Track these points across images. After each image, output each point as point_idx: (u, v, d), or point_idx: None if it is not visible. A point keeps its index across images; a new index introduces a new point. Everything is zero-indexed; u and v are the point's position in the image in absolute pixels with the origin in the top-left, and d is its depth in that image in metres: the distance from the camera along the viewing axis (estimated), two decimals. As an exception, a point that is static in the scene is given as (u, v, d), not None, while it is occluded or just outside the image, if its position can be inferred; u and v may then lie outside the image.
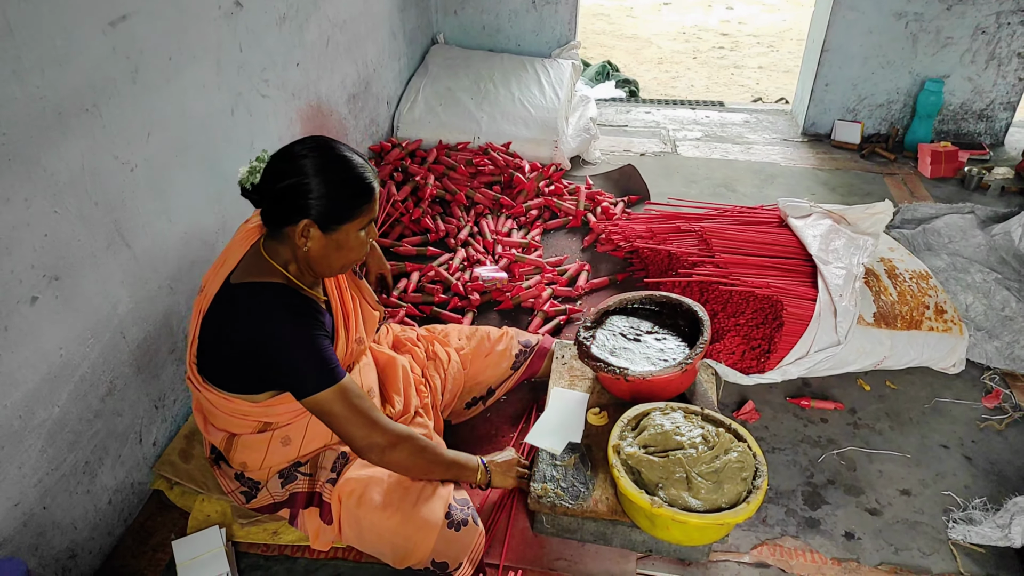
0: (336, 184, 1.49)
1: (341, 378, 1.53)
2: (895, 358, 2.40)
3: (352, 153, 1.54)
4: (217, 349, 1.59)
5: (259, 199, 1.56)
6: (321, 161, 1.49)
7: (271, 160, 1.53)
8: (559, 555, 1.85)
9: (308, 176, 1.47)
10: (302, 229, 1.50)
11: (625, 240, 2.97)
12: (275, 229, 1.56)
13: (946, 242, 3.04)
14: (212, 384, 1.63)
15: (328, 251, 1.55)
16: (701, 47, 6.97)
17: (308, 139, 1.54)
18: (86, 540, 1.76)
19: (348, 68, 3.24)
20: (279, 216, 1.53)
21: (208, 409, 1.69)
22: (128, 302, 1.84)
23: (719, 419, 1.87)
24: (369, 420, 1.56)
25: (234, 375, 1.61)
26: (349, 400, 1.54)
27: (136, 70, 1.79)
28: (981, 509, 1.98)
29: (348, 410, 1.54)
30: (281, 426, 1.69)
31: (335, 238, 1.53)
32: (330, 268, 1.60)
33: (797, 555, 1.88)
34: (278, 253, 1.58)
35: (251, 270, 1.57)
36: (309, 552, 1.84)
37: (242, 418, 1.65)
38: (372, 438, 1.56)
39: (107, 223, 1.73)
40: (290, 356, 1.50)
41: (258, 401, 1.63)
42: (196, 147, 2.08)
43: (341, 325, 1.72)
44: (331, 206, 1.49)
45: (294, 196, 1.48)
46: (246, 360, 1.55)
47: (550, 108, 3.86)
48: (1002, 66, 3.98)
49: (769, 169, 3.97)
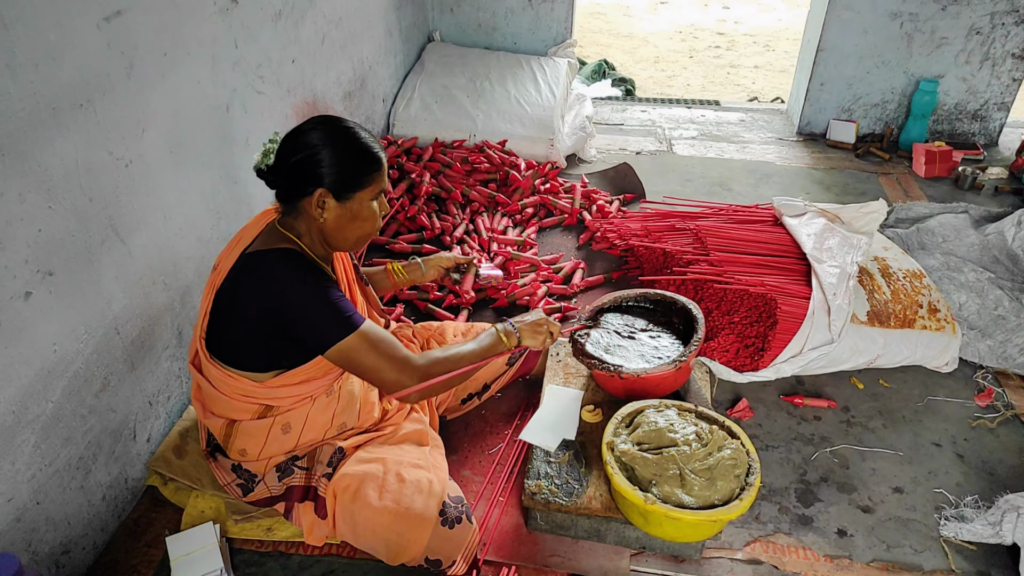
0: (345, 152, 1.55)
1: (361, 323, 1.57)
2: (888, 356, 2.41)
3: (358, 127, 1.61)
4: (229, 322, 1.62)
5: (274, 179, 1.61)
6: (329, 132, 1.56)
7: (282, 141, 1.60)
8: (553, 552, 1.86)
9: (318, 147, 1.54)
10: (317, 199, 1.55)
11: (620, 238, 2.97)
12: (291, 205, 1.61)
13: (940, 241, 3.05)
14: (219, 360, 1.64)
15: (343, 221, 1.60)
16: (697, 46, 6.98)
17: (314, 117, 1.61)
18: (80, 536, 1.76)
19: (344, 65, 3.24)
20: (294, 190, 1.58)
21: (209, 393, 1.69)
22: (122, 298, 1.83)
23: (713, 416, 1.87)
24: (397, 361, 1.60)
25: (244, 348, 1.63)
26: (373, 344, 1.57)
27: (131, 66, 1.79)
28: (973, 507, 1.99)
29: (374, 353, 1.57)
30: (283, 412, 1.70)
31: (349, 207, 1.58)
32: (345, 240, 1.64)
33: (790, 552, 1.89)
34: (292, 228, 1.63)
35: (267, 242, 1.61)
36: (303, 548, 1.84)
37: (244, 400, 1.66)
38: (402, 380, 1.60)
39: (101, 219, 1.73)
40: (308, 310, 1.54)
41: (262, 380, 1.64)
42: (191, 143, 2.08)
43: None
44: (343, 173, 1.55)
45: (307, 168, 1.54)
46: (261, 327, 1.57)
47: (546, 106, 3.86)
48: (996, 66, 4.00)
49: (764, 168, 3.98)
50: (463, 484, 2.01)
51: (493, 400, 2.30)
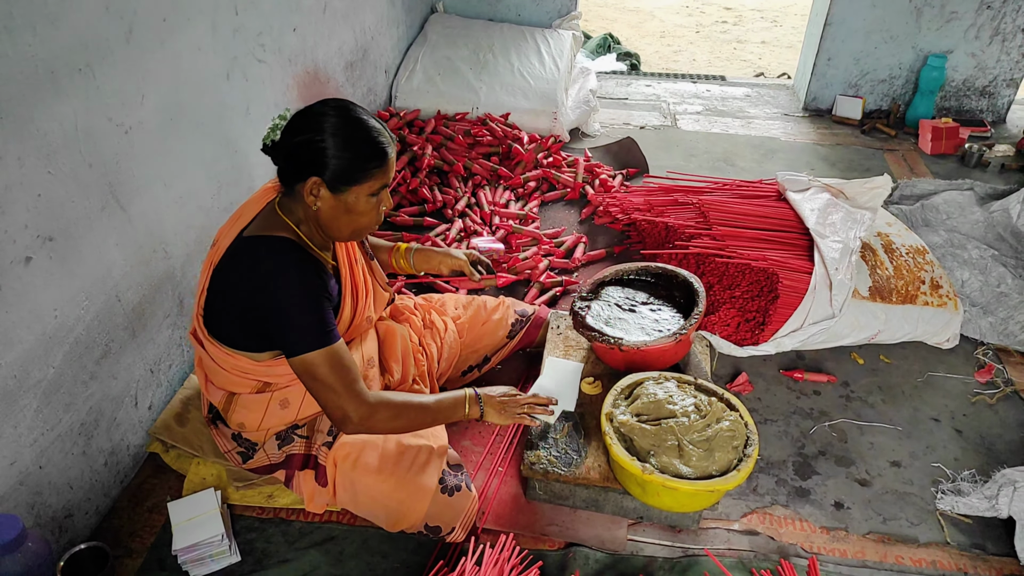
0: (347, 144, 1.49)
1: (334, 342, 1.53)
2: (889, 332, 2.41)
3: (371, 117, 1.55)
4: (224, 302, 1.60)
5: (276, 156, 1.57)
6: (338, 120, 1.50)
7: (293, 117, 1.55)
8: (551, 521, 1.87)
9: (322, 133, 1.48)
10: (310, 187, 1.51)
11: (623, 212, 2.96)
12: (289, 186, 1.57)
13: (944, 218, 3.03)
14: (217, 339, 1.64)
15: (337, 213, 1.55)
16: (704, 21, 6.89)
17: (331, 100, 1.55)
18: (82, 501, 1.77)
19: (346, 35, 3.21)
20: (291, 172, 1.54)
21: (209, 366, 1.69)
22: (123, 265, 1.83)
23: (712, 389, 1.88)
24: (353, 390, 1.54)
25: (238, 330, 1.61)
26: (335, 366, 1.52)
27: (130, 30, 1.77)
28: (970, 481, 2.00)
29: (332, 376, 1.52)
30: (281, 388, 1.70)
31: (344, 199, 1.53)
32: (340, 232, 1.60)
33: (786, 523, 1.90)
34: (292, 211, 1.59)
35: (264, 226, 1.58)
36: (303, 515, 1.86)
37: (242, 376, 1.66)
38: (349, 408, 1.54)
39: (101, 185, 1.72)
40: (288, 311, 1.50)
41: (260, 360, 1.64)
42: (191, 111, 2.06)
43: (349, 294, 1.71)
44: (340, 166, 1.49)
45: (306, 153, 1.49)
46: (248, 314, 1.55)
47: (550, 79, 3.83)
48: (1006, 42, 3.94)
49: (769, 144, 3.95)
50: (463, 454, 2.02)
51: (493, 371, 2.31)
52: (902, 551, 1.84)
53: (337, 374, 1.52)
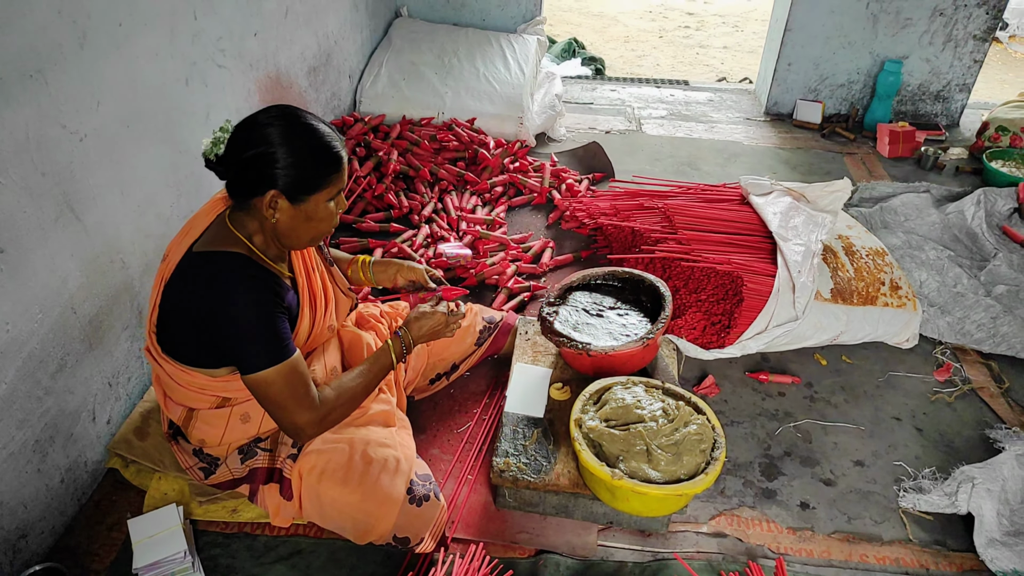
0: (303, 153, 1.46)
1: (290, 356, 1.51)
2: (851, 333, 2.45)
3: (319, 122, 1.51)
4: (176, 319, 1.55)
5: (224, 171, 1.51)
6: (287, 130, 1.45)
7: (235, 130, 1.49)
8: (521, 528, 1.86)
9: (274, 145, 1.44)
10: (269, 200, 1.47)
11: (589, 217, 2.97)
12: (241, 201, 1.52)
13: (902, 220, 3.10)
14: (170, 356, 1.59)
15: (297, 222, 1.52)
16: (667, 26, 6.97)
17: (273, 107, 1.50)
18: (37, 520, 1.72)
19: (308, 39, 3.17)
20: (245, 187, 1.49)
21: (166, 382, 1.65)
22: (79, 276, 1.78)
23: (679, 393, 1.89)
24: (303, 402, 1.53)
25: (192, 347, 1.57)
26: (290, 381, 1.51)
27: (84, 35, 1.73)
28: (930, 478, 2.04)
29: (286, 391, 1.51)
30: (240, 402, 1.66)
31: (304, 209, 1.50)
32: (299, 240, 1.57)
33: (754, 525, 1.92)
34: (243, 224, 1.55)
35: (215, 240, 1.53)
36: (269, 529, 1.83)
37: (200, 392, 1.62)
38: (298, 422, 1.54)
39: (55, 195, 1.68)
40: (241, 328, 1.47)
41: (216, 376, 1.60)
42: (149, 117, 2.02)
43: (307, 303, 1.68)
44: (299, 176, 1.46)
45: (260, 166, 1.45)
46: (202, 332, 1.51)
47: (515, 84, 3.83)
48: (959, 48, 4.05)
49: (732, 148, 4.00)
50: (432, 463, 2.01)
51: (462, 379, 2.29)
52: (867, 549, 1.87)
53: (290, 388, 1.51)
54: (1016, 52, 6.73)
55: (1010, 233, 2.95)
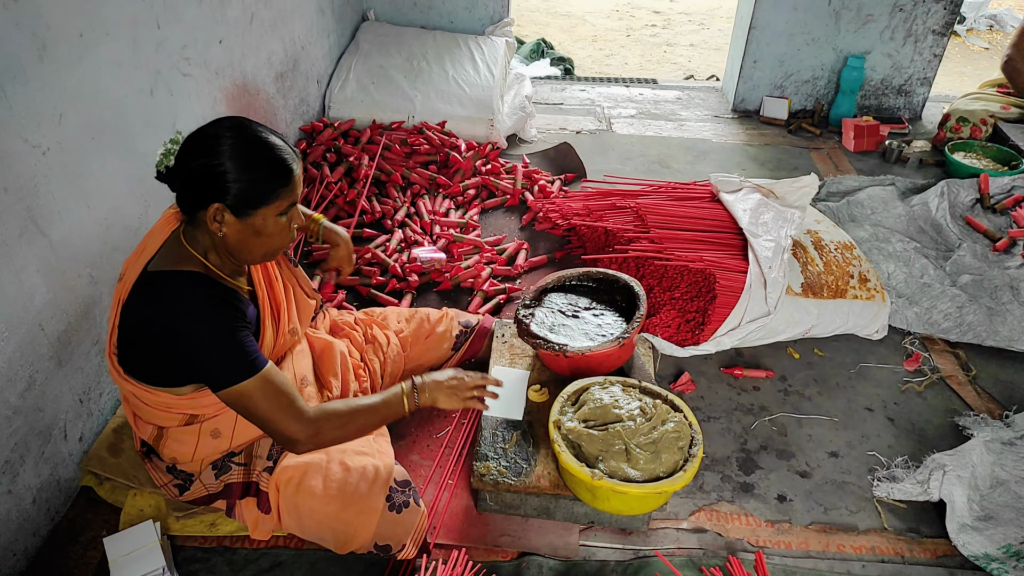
0: (250, 166, 1.42)
1: (262, 367, 1.48)
2: (822, 326, 2.49)
3: (271, 134, 1.48)
4: (136, 340, 1.52)
5: (172, 182, 1.49)
6: (236, 142, 1.42)
7: (186, 141, 1.46)
8: (503, 531, 1.87)
9: (221, 157, 1.41)
10: (213, 213, 1.43)
11: (562, 218, 2.98)
12: (190, 214, 1.50)
13: (869, 213, 3.16)
14: (133, 376, 1.56)
15: (245, 236, 1.49)
16: (634, 25, 7.02)
17: (225, 119, 1.47)
18: (9, 542, 1.68)
19: (275, 45, 3.14)
20: (191, 200, 1.46)
21: (133, 402, 1.62)
22: (45, 292, 1.75)
23: (656, 391, 1.90)
24: (292, 411, 1.50)
25: (154, 367, 1.54)
26: (269, 392, 1.48)
27: (43, 47, 1.69)
28: (903, 467, 2.08)
29: (268, 402, 1.48)
30: (209, 418, 1.64)
31: (251, 223, 1.47)
32: (251, 255, 1.54)
33: (733, 519, 1.94)
34: (197, 240, 1.52)
35: (169, 258, 1.50)
36: (248, 542, 1.81)
37: (166, 411, 1.60)
38: (293, 430, 1.50)
39: (19, 210, 1.64)
40: (206, 347, 1.44)
41: (182, 394, 1.57)
42: (114, 129, 1.99)
43: (268, 316, 1.66)
44: (244, 189, 1.42)
45: (205, 179, 1.42)
46: (163, 352, 1.48)
47: (485, 86, 3.83)
48: (919, 43, 4.13)
49: (701, 145, 4.04)
50: (411, 469, 2.00)
51: (439, 383, 2.28)
52: (843, 539, 1.90)
53: (273, 399, 1.48)
54: (973, 45, 6.89)
55: (973, 223, 3.02)
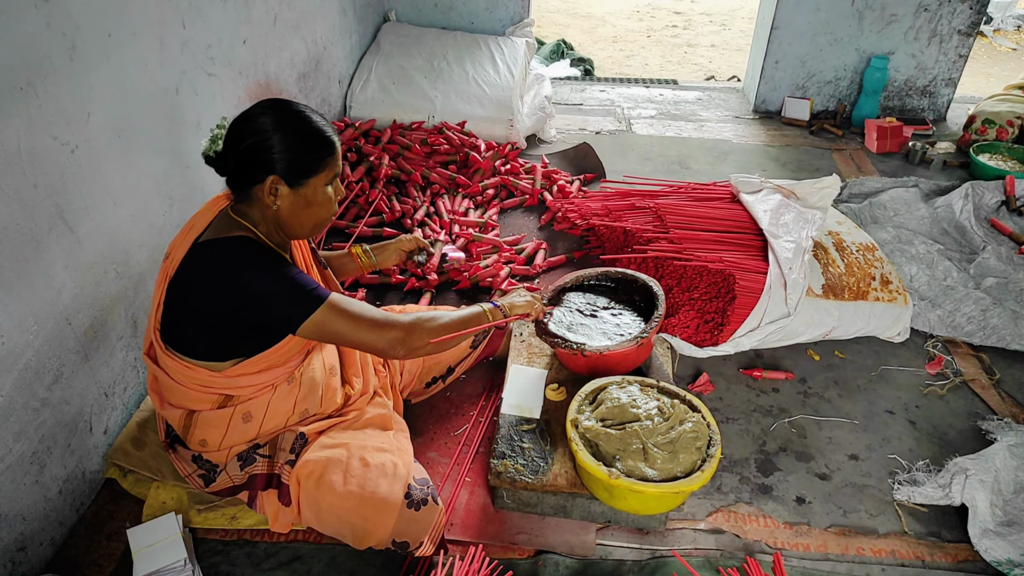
0: (297, 138, 1.52)
1: (327, 296, 1.55)
2: (843, 328, 2.47)
3: (309, 110, 1.57)
4: (185, 312, 1.58)
5: (223, 165, 1.57)
6: (279, 117, 1.52)
7: (231, 125, 1.55)
8: (520, 529, 1.87)
9: (269, 133, 1.50)
10: (269, 186, 1.52)
11: (581, 218, 2.98)
12: (243, 192, 1.57)
13: (891, 215, 3.13)
14: (175, 351, 1.61)
15: (297, 208, 1.57)
16: (655, 26, 7.00)
17: (264, 101, 1.57)
18: (36, 532, 1.72)
19: (297, 46, 3.17)
20: (245, 178, 1.54)
21: (166, 384, 1.66)
22: (73, 288, 1.78)
23: (674, 391, 1.90)
24: (375, 322, 1.58)
25: (201, 338, 1.59)
26: (345, 311, 1.55)
27: (73, 47, 1.73)
28: (924, 471, 2.06)
29: (350, 321, 1.55)
30: (243, 400, 1.67)
31: (303, 193, 1.56)
32: (301, 227, 1.61)
33: (751, 520, 1.94)
34: (247, 215, 1.59)
35: (220, 230, 1.57)
36: (268, 536, 1.83)
37: (202, 390, 1.63)
38: (386, 336, 1.58)
39: (48, 206, 1.68)
40: (271, 293, 1.51)
41: (221, 370, 1.61)
42: (140, 127, 2.02)
43: None
44: (295, 160, 1.52)
45: (257, 154, 1.51)
46: (218, 317, 1.54)
47: (504, 87, 3.84)
48: (943, 43, 4.09)
49: (721, 146, 4.02)
50: (429, 466, 2.02)
51: (458, 382, 2.30)
52: (863, 543, 1.89)
53: (349, 320, 1.55)
54: (1000, 46, 6.79)
55: (998, 226, 2.98)
